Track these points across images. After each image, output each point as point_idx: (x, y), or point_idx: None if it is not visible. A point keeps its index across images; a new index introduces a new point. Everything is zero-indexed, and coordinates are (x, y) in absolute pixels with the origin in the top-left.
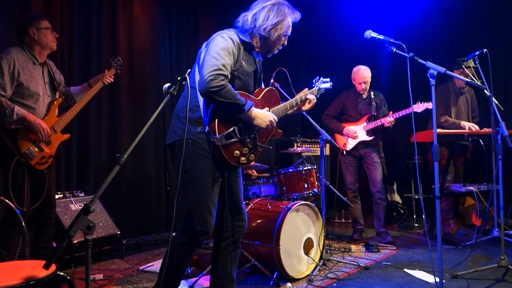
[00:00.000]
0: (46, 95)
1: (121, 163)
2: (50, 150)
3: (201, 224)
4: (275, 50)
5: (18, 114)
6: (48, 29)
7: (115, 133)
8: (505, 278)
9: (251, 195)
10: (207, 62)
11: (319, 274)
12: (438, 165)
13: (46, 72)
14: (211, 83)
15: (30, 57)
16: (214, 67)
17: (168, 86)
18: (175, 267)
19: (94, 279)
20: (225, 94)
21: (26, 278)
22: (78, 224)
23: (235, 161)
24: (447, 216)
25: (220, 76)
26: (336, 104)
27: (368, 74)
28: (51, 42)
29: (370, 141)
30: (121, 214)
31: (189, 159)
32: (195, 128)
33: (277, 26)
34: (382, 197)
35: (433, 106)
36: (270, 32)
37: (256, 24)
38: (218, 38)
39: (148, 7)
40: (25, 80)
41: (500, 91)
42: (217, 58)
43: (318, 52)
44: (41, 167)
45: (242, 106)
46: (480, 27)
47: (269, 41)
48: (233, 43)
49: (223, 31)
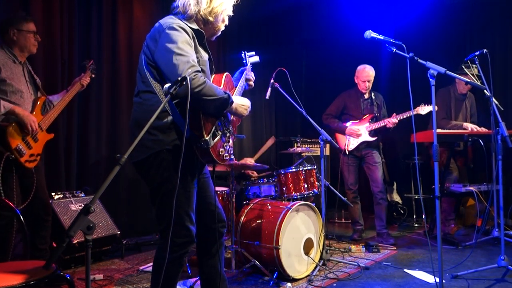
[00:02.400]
0: (29, 93)
1: (121, 163)
2: (38, 148)
3: (186, 235)
4: (218, 32)
5: (5, 107)
6: (30, 33)
7: (115, 133)
8: (505, 278)
9: (251, 195)
10: (174, 60)
11: (319, 274)
12: (438, 165)
13: (26, 71)
14: (193, 83)
15: (10, 56)
16: (188, 64)
17: (168, 86)
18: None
19: (94, 279)
20: (208, 91)
21: (26, 278)
22: (78, 224)
23: (221, 158)
24: (448, 216)
25: (198, 72)
26: (338, 104)
27: (372, 73)
28: (31, 46)
29: (372, 142)
30: (121, 214)
31: (166, 170)
32: (167, 137)
33: (222, 7)
34: (384, 197)
35: (433, 106)
36: (216, 15)
37: (201, 8)
38: (169, 31)
39: (148, 7)
40: (7, 77)
41: (500, 91)
42: (184, 54)
43: (318, 52)
44: (30, 164)
45: (227, 99)
46: (480, 27)
47: (215, 24)
48: (187, 34)
49: (167, 21)
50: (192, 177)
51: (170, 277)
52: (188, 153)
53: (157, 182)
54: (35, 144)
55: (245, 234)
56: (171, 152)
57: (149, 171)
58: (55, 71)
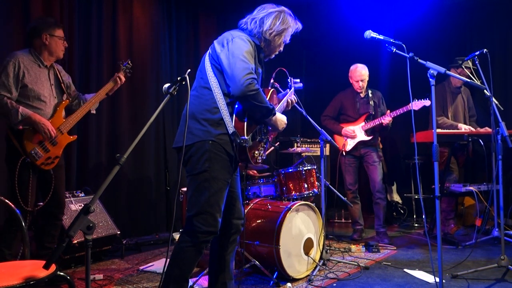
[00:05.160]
0: (52, 97)
1: (121, 163)
2: (56, 151)
3: (212, 225)
4: (273, 55)
5: (22, 115)
6: (61, 38)
7: (115, 133)
8: (505, 278)
9: (251, 195)
10: (237, 65)
11: (319, 274)
12: (438, 165)
13: (52, 74)
14: (249, 87)
15: (36, 60)
16: (247, 71)
17: (168, 86)
18: (184, 272)
19: (94, 279)
20: (259, 97)
21: (26, 278)
22: (78, 224)
23: (254, 160)
24: (448, 216)
25: (254, 80)
26: (334, 104)
27: (365, 72)
28: (60, 51)
29: (369, 141)
30: (121, 214)
31: (208, 160)
32: (215, 129)
33: (282, 33)
34: (382, 196)
35: (433, 106)
36: (275, 37)
37: (264, 29)
38: (238, 40)
39: (148, 7)
40: (30, 82)
41: (500, 91)
42: (246, 61)
43: (318, 52)
44: (47, 167)
45: (272, 110)
46: (480, 27)
47: (271, 46)
48: (251, 47)
49: (237, 32)
50: (228, 172)
51: (188, 263)
52: (229, 150)
53: (197, 170)
54: (53, 147)
55: (245, 234)
56: (215, 144)
57: (191, 158)
58: None
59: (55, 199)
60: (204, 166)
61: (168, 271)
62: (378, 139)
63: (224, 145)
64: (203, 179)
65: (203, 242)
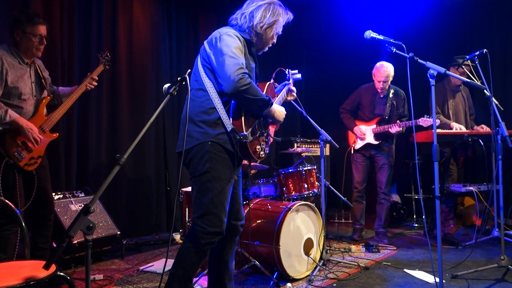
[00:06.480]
0: (33, 95)
1: (121, 163)
2: (39, 150)
3: (217, 225)
4: (266, 47)
5: (11, 117)
6: (35, 36)
7: (115, 133)
8: (505, 278)
9: (251, 195)
10: (227, 62)
11: (319, 274)
12: (438, 165)
13: (33, 71)
14: (240, 82)
15: (16, 57)
16: (237, 66)
17: (168, 87)
18: (188, 273)
19: (94, 279)
20: (252, 91)
21: (26, 278)
22: (78, 224)
23: (257, 155)
24: (447, 216)
25: (245, 74)
26: (353, 98)
27: (390, 73)
28: (33, 50)
29: (378, 145)
30: (121, 214)
31: (208, 161)
32: (213, 130)
33: (273, 25)
34: (387, 198)
35: (433, 107)
36: (266, 30)
37: (254, 22)
38: (226, 37)
39: (148, 7)
40: (11, 79)
41: (500, 91)
42: (235, 57)
43: (318, 52)
44: (30, 168)
45: (268, 101)
46: (480, 27)
47: (264, 39)
48: (240, 42)
49: (225, 29)
50: (231, 171)
51: (193, 264)
52: (229, 149)
53: (199, 172)
54: (36, 148)
55: (245, 234)
56: (214, 145)
57: (193, 160)
58: (55, 71)
59: (43, 200)
60: (205, 167)
61: (173, 271)
62: (390, 144)
63: (224, 144)
64: (205, 180)
65: (208, 243)
